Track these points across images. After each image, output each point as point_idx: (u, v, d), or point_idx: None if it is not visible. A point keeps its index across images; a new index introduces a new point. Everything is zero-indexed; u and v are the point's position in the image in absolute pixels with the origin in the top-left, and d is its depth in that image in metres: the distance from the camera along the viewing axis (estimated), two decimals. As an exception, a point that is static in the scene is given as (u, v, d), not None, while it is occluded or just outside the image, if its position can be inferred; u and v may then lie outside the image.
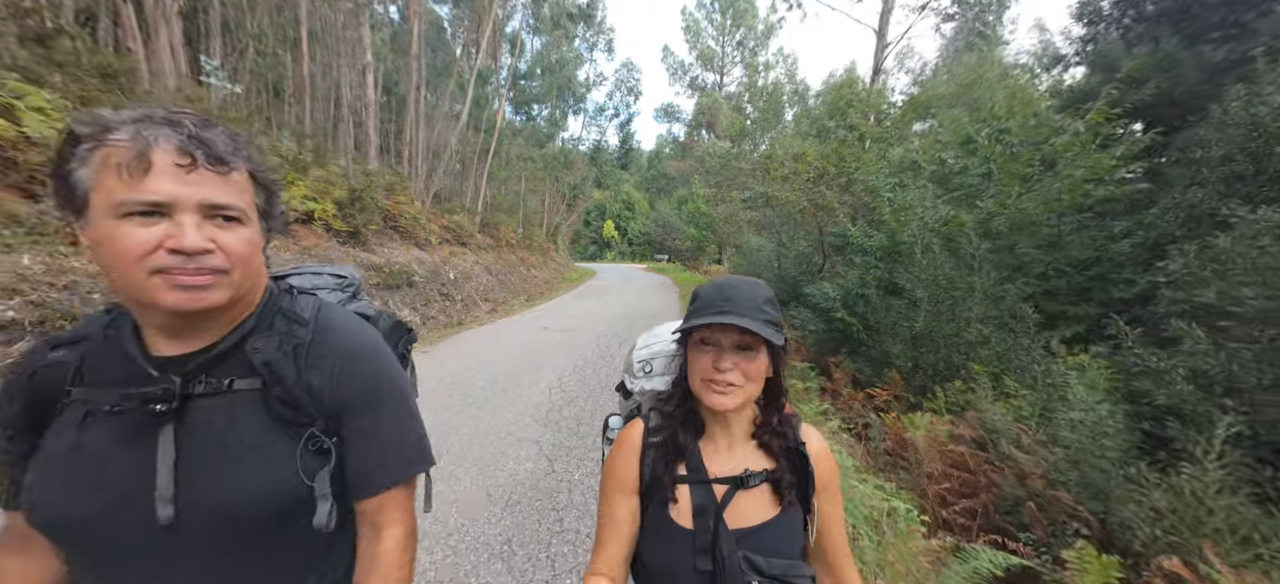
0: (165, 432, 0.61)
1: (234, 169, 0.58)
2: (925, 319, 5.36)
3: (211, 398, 0.64)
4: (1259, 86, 4.33)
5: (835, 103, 12.42)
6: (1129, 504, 2.34)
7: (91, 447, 0.61)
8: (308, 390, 0.68)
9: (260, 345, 0.67)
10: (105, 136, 0.52)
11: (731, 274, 1.08)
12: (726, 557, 0.76)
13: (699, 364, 0.82)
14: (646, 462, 0.85)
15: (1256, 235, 2.61)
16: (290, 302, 0.74)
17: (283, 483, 0.65)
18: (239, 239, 0.59)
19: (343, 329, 0.74)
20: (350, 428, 0.71)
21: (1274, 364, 2.42)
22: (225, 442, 0.63)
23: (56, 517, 0.60)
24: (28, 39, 5.01)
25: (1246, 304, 2.55)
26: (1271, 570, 1.94)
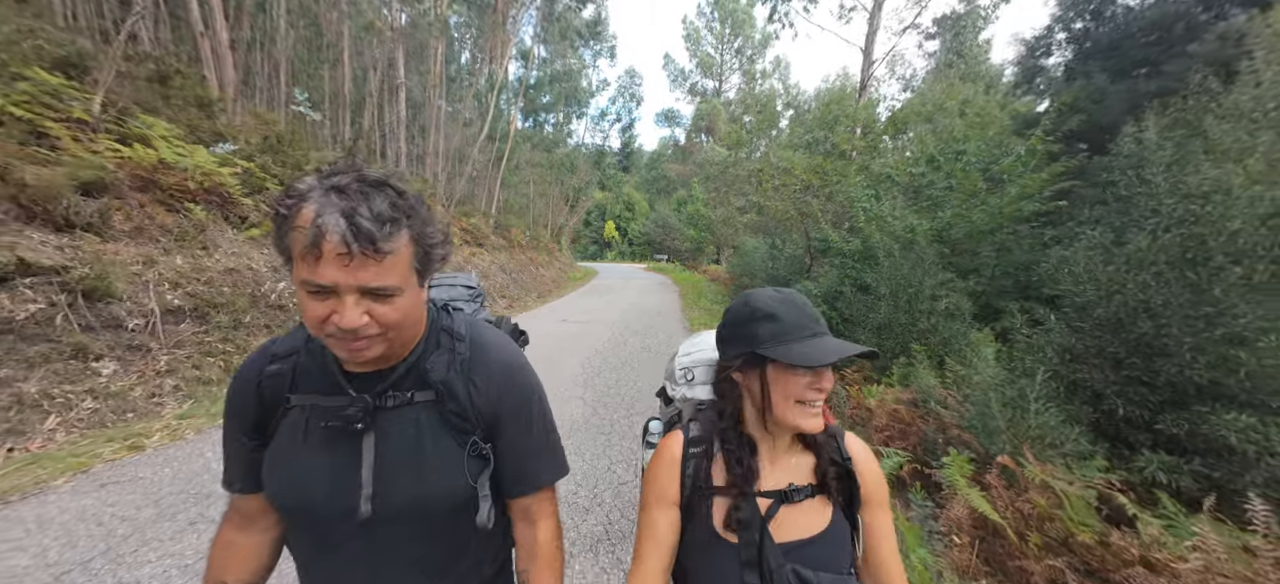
0: (368, 439, 0.72)
1: (391, 249, 0.60)
2: (886, 312, 6.49)
3: (400, 409, 0.74)
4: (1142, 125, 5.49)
5: (824, 116, 13.59)
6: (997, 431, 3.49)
7: (313, 447, 0.72)
8: (472, 403, 0.76)
9: (435, 365, 0.76)
10: (296, 215, 0.58)
11: (778, 288, 0.83)
12: (774, 570, 0.76)
13: (793, 386, 0.79)
14: (687, 473, 0.84)
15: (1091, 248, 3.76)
16: (448, 320, 0.82)
17: (455, 484, 0.75)
18: (392, 309, 0.64)
19: (493, 346, 0.82)
20: (506, 436, 0.79)
21: (1092, 338, 3.58)
22: (412, 448, 0.73)
23: (288, 502, 0.74)
24: (154, 79, 6.12)
25: (1081, 297, 3.71)
26: (1057, 459, 3.09)
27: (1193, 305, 3.06)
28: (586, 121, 31.07)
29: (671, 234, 37.36)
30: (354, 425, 0.71)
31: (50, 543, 2.22)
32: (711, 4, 35.54)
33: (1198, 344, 3.00)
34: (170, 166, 5.54)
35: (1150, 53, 7.37)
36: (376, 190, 0.61)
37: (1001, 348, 4.66)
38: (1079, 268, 3.71)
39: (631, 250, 48.45)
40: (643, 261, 42.58)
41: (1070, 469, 3.16)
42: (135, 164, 5.16)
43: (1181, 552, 2.36)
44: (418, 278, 0.68)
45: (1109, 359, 3.45)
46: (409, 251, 0.64)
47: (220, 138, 6.74)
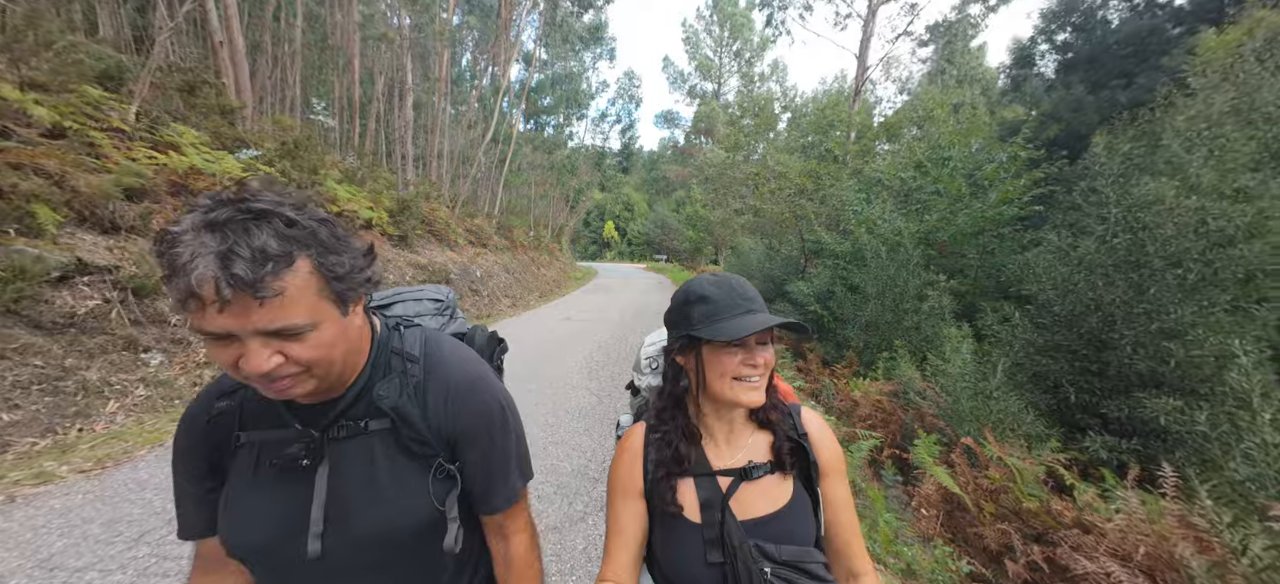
0: (320, 473, 0.70)
1: (277, 289, 0.54)
2: (873, 310, 6.88)
3: (352, 439, 0.72)
4: (1115, 135, 5.88)
5: (819, 122, 13.98)
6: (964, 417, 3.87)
7: (263, 486, 0.70)
8: (428, 427, 0.74)
9: (385, 392, 0.73)
10: (169, 262, 0.52)
11: (719, 272, 0.93)
12: (737, 547, 0.77)
13: (727, 363, 0.81)
14: (649, 461, 0.86)
15: (1051, 252, 4.15)
16: (399, 340, 0.78)
17: (418, 509, 0.72)
18: (306, 347, 0.59)
19: (451, 362, 0.79)
20: (469, 454, 0.77)
21: (1052, 332, 3.96)
22: (367, 478, 0.71)
23: (239, 545, 0.70)
24: (182, 90, 6.48)
25: (1042, 296, 4.09)
26: (1016, 440, 3.47)
27: (1134, 303, 3.44)
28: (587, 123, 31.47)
29: (670, 234, 37.78)
30: (298, 462, 0.69)
31: (152, 497, 2.62)
32: (710, 8, 36.07)
33: (1137, 338, 3.39)
34: (200, 172, 5.90)
35: (1126, 65, 7.77)
36: (260, 222, 0.55)
37: (978, 344, 5.04)
38: (1040, 269, 4.10)
39: (630, 250, 48.86)
40: (642, 262, 42.99)
41: (1028, 449, 3.55)
42: (170, 170, 5.52)
43: (1109, 514, 2.74)
44: (337, 306, 0.62)
45: (1065, 351, 3.83)
46: (313, 282, 0.59)
47: (242, 143, 7.10)
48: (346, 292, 0.63)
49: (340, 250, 0.62)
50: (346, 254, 0.63)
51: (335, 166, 9.72)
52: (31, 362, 3.50)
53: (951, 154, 8.44)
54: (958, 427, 3.98)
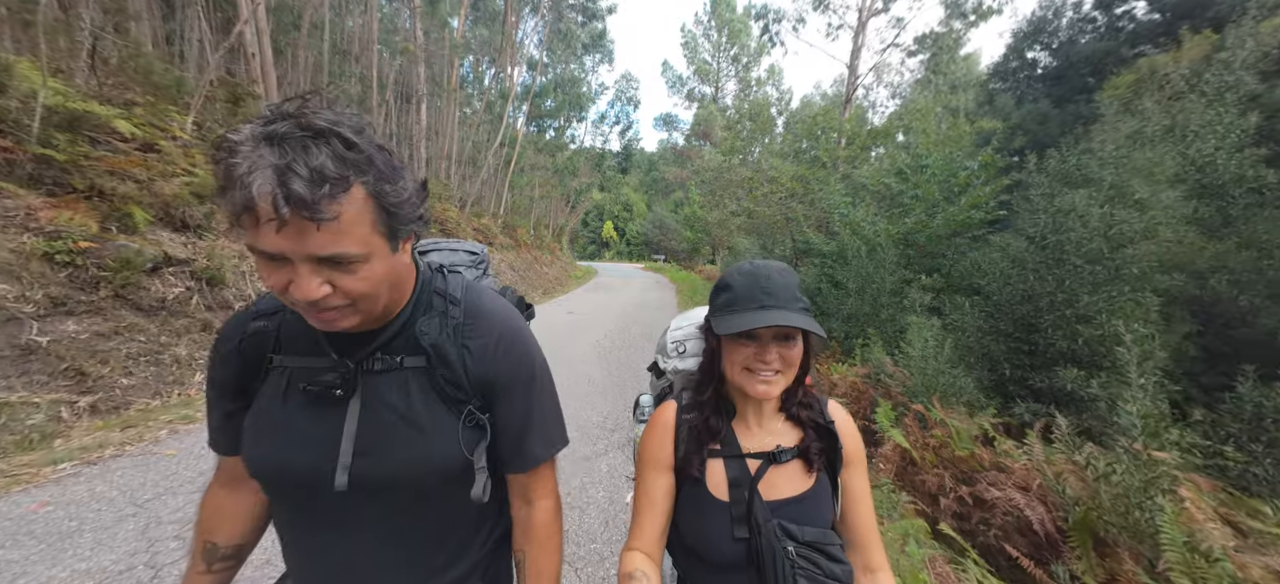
0: (352, 405, 0.68)
1: (334, 213, 0.51)
2: (853, 304, 7.60)
3: (388, 373, 0.70)
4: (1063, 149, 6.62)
5: (810, 130, 14.71)
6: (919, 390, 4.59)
7: (293, 412, 0.69)
8: (465, 369, 0.72)
9: (426, 327, 0.71)
10: (226, 172, 0.49)
11: (756, 259, 0.94)
12: (762, 525, 0.80)
13: (739, 354, 0.83)
14: (681, 438, 0.88)
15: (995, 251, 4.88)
16: (442, 282, 0.78)
17: (447, 455, 0.70)
18: (357, 279, 0.57)
19: (492, 311, 0.77)
20: (503, 406, 0.75)
21: (994, 318, 4.69)
22: (400, 415, 0.69)
23: (263, 469, 0.70)
24: (228, 101, 7.15)
25: (988, 288, 4.83)
26: (960, 406, 4.20)
27: (1055, 293, 4.17)
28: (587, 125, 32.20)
29: (669, 235, 38.47)
30: (333, 391, 0.68)
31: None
32: (708, 13, 36.91)
33: (1056, 322, 4.11)
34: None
35: (1086, 82, 8.52)
36: (319, 140, 0.51)
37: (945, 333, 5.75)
38: (985, 265, 4.83)
39: (629, 250, 49.60)
40: (640, 261, 43.70)
41: (970, 414, 4.28)
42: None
43: (1017, 458, 3.47)
44: (388, 241, 0.60)
45: (1003, 334, 4.56)
46: (367, 212, 0.56)
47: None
48: (398, 226, 0.61)
49: (395, 179, 0.59)
50: (402, 184, 0.60)
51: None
52: (137, 338, 4.18)
53: (929, 162, 9.17)
54: (915, 399, 4.70)
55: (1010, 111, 9.14)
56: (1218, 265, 5.62)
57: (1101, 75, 8.56)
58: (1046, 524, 2.99)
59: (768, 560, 0.78)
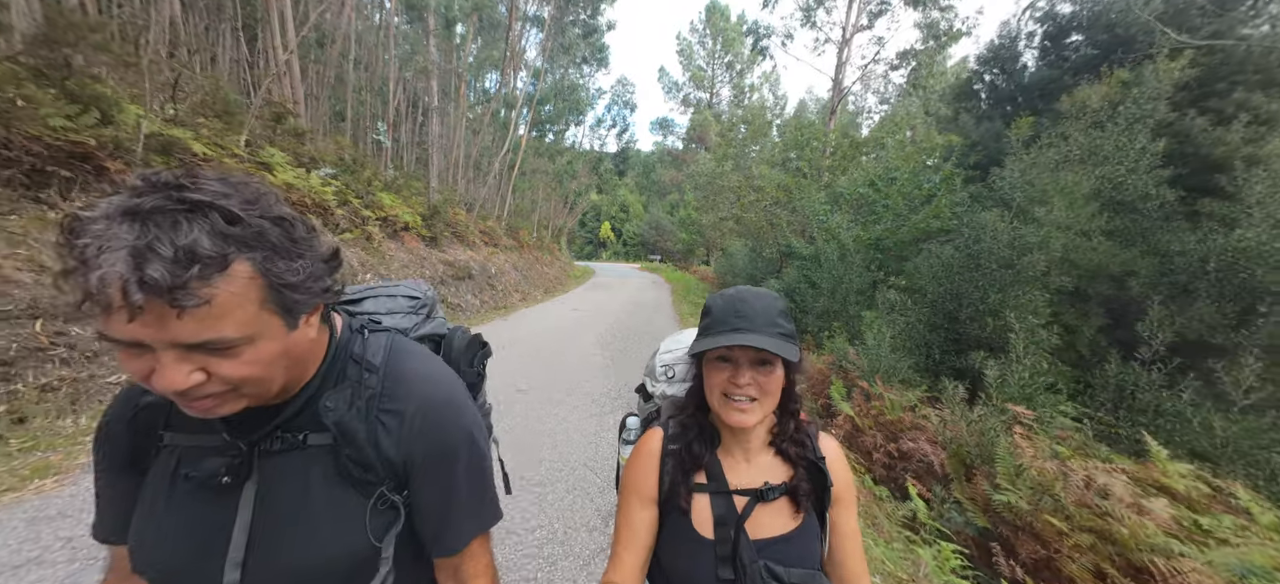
0: (247, 491, 0.61)
1: (201, 298, 0.45)
2: (825, 302, 8.59)
3: (288, 454, 0.63)
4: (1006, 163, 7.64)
5: (794, 140, 15.73)
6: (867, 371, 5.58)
7: (181, 500, 0.61)
8: (376, 448, 0.65)
9: (332, 404, 0.63)
10: (72, 252, 0.43)
11: (740, 286, 0.90)
12: (748, 565, 0.78)
13: (716, 379, 0.82)
14: (666, 470, 0.86)
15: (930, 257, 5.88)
16: (361, 344, 0.69)
17: (351, 544, 0.63)
18: (241, 363, 0.50)
19: (414, 377, 0.69)
20: (425, 487, 0.68)
21: (929, 311, 5.69)
22: (300, 502, 0.62)
23: (146, 564, 0.61)
24: (271, 120, 8.06)
25: (924, 286, 5.83)
26: (897, 383, 5.19)
27: (972, 292, 5.16)
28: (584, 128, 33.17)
29: (665, 236, 39.46)
30: (218, 478, 0.59)
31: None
32: (704, 22, 38.01)
33: (972, 315, 5.11)
34: (293, 186, 7.50)
35: (1035, 105, 9.55)
36: (194, 215, 0.45)
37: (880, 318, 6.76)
38: (924, 268, 5.83)
39: (626, 251, 50.59)
40: (637, 261, 44.71)
41: (907, 390, 5.27)
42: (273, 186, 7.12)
43: (932, 420, 4.46)
44: (283, 318, 0.53)
45: (934, 326, 5.56)
46: (254, 291, 0.49)
47: (313, 161, 8.69)
48: (297, 303, 0.54)
49: (294, 254, 0.52)
50: (303, 259, 0.53)
51: (377, 176, 11.31)
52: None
53: (897, 175, 10.19)
54: (865, 379, 5.71)
55: (970, 129, 10.17)
56: (1130, 270, 6.67)
57: (1048, 99, 9.63)
58: (943, 464, 3.99)
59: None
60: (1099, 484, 2.87)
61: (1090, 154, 6.99)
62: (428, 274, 10.50)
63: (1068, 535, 2.67)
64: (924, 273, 5.81)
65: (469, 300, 11.88)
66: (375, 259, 8.62)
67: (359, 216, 8.75)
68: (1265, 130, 7.15)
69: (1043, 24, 9.09)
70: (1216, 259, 6.10)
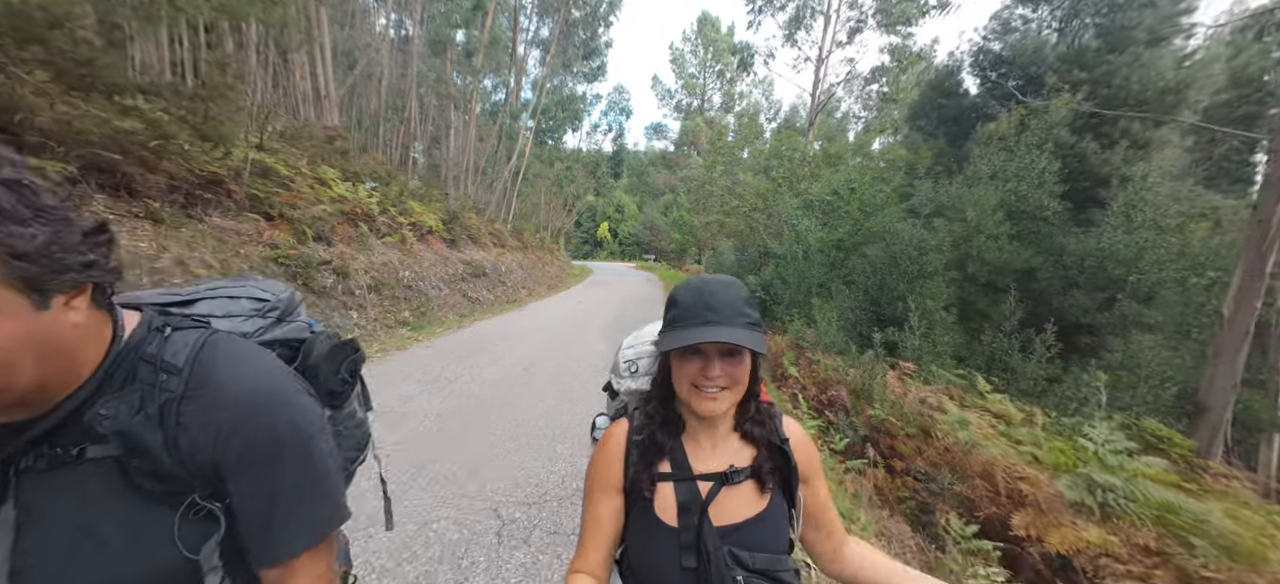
0: (3, 517, 0.51)
1: None
2: (791, 294, 10.21)
3: (56, 472, 0.53)
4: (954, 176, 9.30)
5: (776, 148, 17.37)
6: (814, 344, 7.20)
7: None
8: (176, 455, 0.55)
9: (109, 411, 0.54)
10: None
11: (704, 274, 0.93)
12: (711, 553, 0.78)
13: (685, 370, 0.82)
14: (630, 460, 0.86)
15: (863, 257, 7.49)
16: (160, 344, 0.59)
17: (159, 561, 0.55)
18: None
19: (226, 375, 0.60)
20: (241, 491, 0.59)
21: (862, 296, 7.30)
22: (80, 523, 0.53)
23: None
24: (324, 141, 9.57)
25: (859, 278, 7.44)
26: (834, 353, 6.82)
27: (890, 283, 6.77)
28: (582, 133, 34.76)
29: (659, 236, 41.02)
30: None
31: (436, 360, 5.76)
32: (695, 33, 39.75)
33: (889, 301, 6.72)
34: (345, 198, 9.02)
35: (972, 126, 11.22)
36: None
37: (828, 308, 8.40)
38: (857, 265, 7.45)
39: (622, 250, 52.19)
40: (632, 261, 46.27)
41: (842, 357, 6.90)
42: (331, 198, 8.64)
43: (847, 373, 6.07)
44: (27, 295, 0.46)
45: (863, 309, 7.17)
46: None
47: (357, 176, 10.21)
48: (44, 277, 0.46)
49: (28, 219, 0.45)
50: (41, 225, 0.46)
51: (406, 188, 12.83)
52: (312, 312, 6.63)
53: (856, 185, 11.83)
54: (811, 351, 7.32)
55: (919, 146, 11.84)
56: (1031, 267, 8.34)
57: (982, 122, 11.32)
58: (846, 400, 5.60)
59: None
60: (930, 402, 4.48)
61: (996, 173, 8.66)
62: (449, 272, 12.00)
63: (904, 429, 4.28)
64: (860, 269, 7.42)
65: (484, 295, 13.40)
66: (409, 258, 10.13)
67: (396, 222, 10.25)
68: (1139, 153, 8.87)
69: (976, 58, 10.75)
70: (1089, 258, 7.81)
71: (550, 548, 2.23)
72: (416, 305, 9.22)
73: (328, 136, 9.66)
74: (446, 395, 4.54)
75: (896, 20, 14.53)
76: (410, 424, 3.71)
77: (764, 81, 40.15)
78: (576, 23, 19.66)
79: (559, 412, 4.42)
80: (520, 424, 3.96)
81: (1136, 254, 7.15)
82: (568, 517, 2.53)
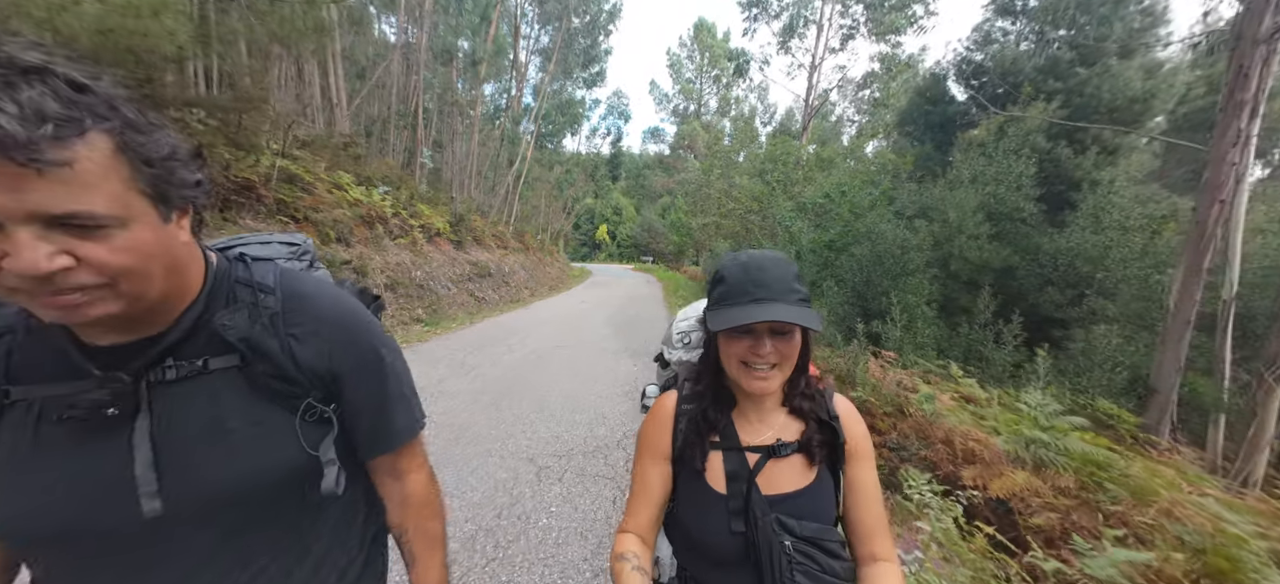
0: (139, 426, 0.55)
1: (64, 157, 0.41)
2: (785, 291, 10.72)
3: (187, 381, 0.58)
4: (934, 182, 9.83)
5: (771, 152, 17.94)
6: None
7: (52, 450, 0.53)
8: (295, 363, 0.62)
9: (231, 321, 0.60)
10: None
11: (751, 250, 0.89)
12: (759, 518, 0.80)
13: (734, 348, 0.82)
14: (679, 429, 0.88)
15: (851, 257, 8.03)
16: (245, 270, 0.66)
17: (283, 456, 0.61)
18: (111, 248, 0.45)
19: (319, 295, 0.68)
20: (354, 395, 0.68)
21: (850, 292, 7.83)
22: (212, 424, 0.58)
23: (24, 529, 0.54)
24: (339, 148, 10.04)
25: (847, 276, 7.97)
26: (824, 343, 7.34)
27: (875, 279, 7.29)
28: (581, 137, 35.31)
29: (656, 237, 41.57)
30: (102, 410, 0.53)
31: (458, 350, 6.24)
32: (692, 39, 40.42)
33: (874, 295, 7.24)
34: (361, 201, 9.49)
35: (957, 132, 11.79)
36: (31, 78, 0.41)
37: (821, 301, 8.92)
38: (845, 264, 7.98)
39: (620, 252, 52.72)
40: (630, 262, 46.82)
41: (830, 348, 7.41)
42: (348, 201, 9.12)
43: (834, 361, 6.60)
44: (155, 205, 0.49)
45: (851, 304, 7.70)
46: (119, 167, 0.45)
47: (369, 181, 10.68)
48: (167, 187, 0.50)
49: (151, 131, 0.49)
50: (161, 137, 0.50)
51: (415, 192, 13.31)
52: (340, 306, 7.09)
53: (846, 189, 12.37)
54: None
55: (906, 150, 12.41)
56: (1010, 265, 8.89)
57: (966, 128, 11.91)
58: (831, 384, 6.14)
59: (764, 554, 0.78)
60: (905, 385, 5.00)
61: (977, 177, 9.22)
62: (457, 273, 12.47)
63: (882, 408, 4.79)
64: (848, 267, 7.95)
65: (490, 295, 13.88)
66: (420, 259, 10.61)
67: (407, 224, 10.72)
68: (1109, 158, 9.46)
69: (960, 67, 11.33)
70: (1061, 256, 8.38)
71: (579, 484, 2.74)
72: (428, 303, 9.70)
73: (342, 143, 10.14)
74: (473, 378, 5.02)
75: (886, 29, 15.11)
76: (446, 400, 4.19)
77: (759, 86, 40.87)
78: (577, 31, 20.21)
79: (574, 390, 4.91)
80: (542, 399, 4.46)
81: (1103, 253, 7.71)
82: (592, 465, 3.02)
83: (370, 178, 10.80)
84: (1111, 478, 2.91)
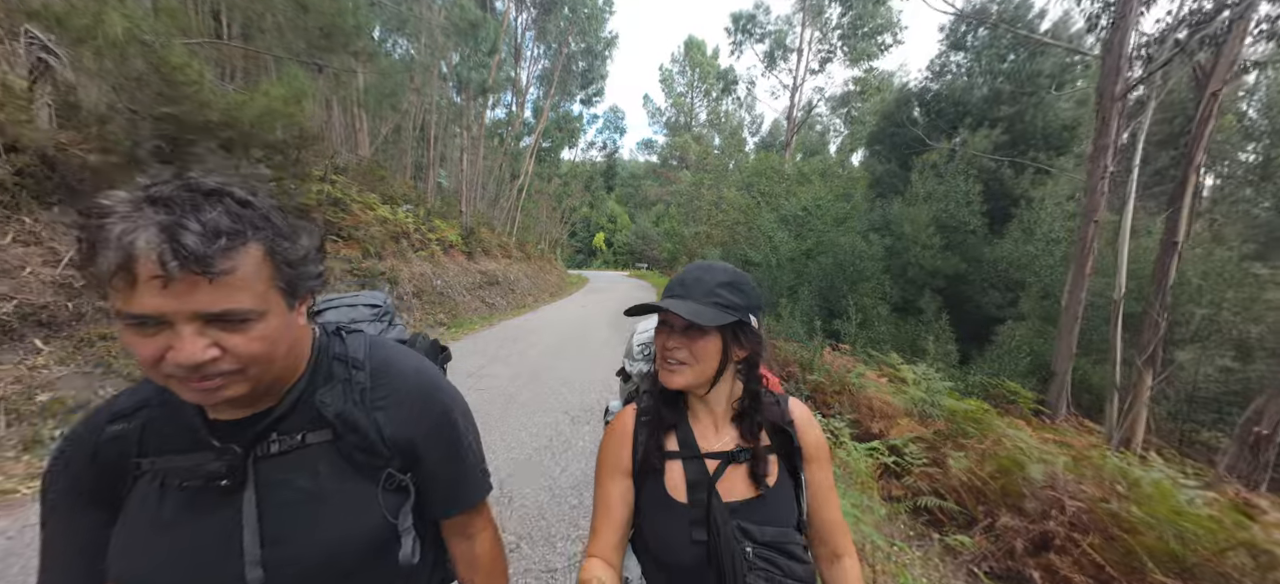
0: (247, 496, 0.63)
1: (228, 267, 0.51)
2: (766, 296, 12.02)
3: (289, 455, 0.66)
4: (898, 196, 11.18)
5: (757, 167, 19.30)
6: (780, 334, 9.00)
7: (174, 517, 0.61)
8: (380, 435, 0.69)
9: (328, 399, 0.68)
10: (99, 235, 0.48)
11: (713, 260, 0.96)
12: (720, 526, 0.80)
13: (657, 342, 0.89)
14: (639, 442, 0.89)
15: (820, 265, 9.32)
16: (341, 346, 0.75)
17: (369, 524, 0.68)
18: (250, 338, 0.54)
19: (401, 369, 0.76)
20: (429, 462, 0.74)
21: (817, 297, 9.11)
22: (308, 496, 0.65)
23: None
24: (366, 171, 11.24)
25: (818, 280, 9.27)
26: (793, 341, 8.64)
27: (837, 284, 8.57)
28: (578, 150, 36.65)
29: (651, 245, 42.88)
30: (217, 481, 0.61)
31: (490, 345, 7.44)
32: (683, 55, 42.26)
33: (836, 298, 8.52)
34: (387, 219, 10.69)
35: (917, 152, 13.18)
36: (211, 199, 0.52)
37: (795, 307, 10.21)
38: (814, 270, 9.28)
39: (615, 259, 54.03)
40: (625, 269, 48.13)
41: (801, 344, 8.70)
42: (377, 220, 10.33)
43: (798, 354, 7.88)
44: (285, 299, 0.59)
45: (819, 305, 8.98)
46: (265, 270, 0.55)
47: (393, 200, 11.89)
48: (297, 282, 0.60)
49: (294, 237, 0.60)
50: (300, 241, 0.61)
51: (432, 209, 14.52)
52: (381, 312, 8.27)
53: (821, 203, 13.72)
54: (776, 339, 9.13)
55: (876, 168, 13.80)
56: (959, 272, 10.25)
57: (926, 149, 13.29)
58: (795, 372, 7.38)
59: (726, 562, 0.79)
60: (852, 369, 6.28)
61: (930, 195, 10.58)
62: (470, 281, 13.66)
63: (831, 387, 6.06)
64: (815, 274, 9.25)
65: (498, 301, 15.07)
66: (439, 269, 11.79)
67: (426, 238, 11.91)
68: (1043, 178, 10.87)
69: (920, 95, 12.73)
70: (1000, 264, 9.76)
71: (599, 427, 3.96)
72: (448, 309, 10.89)
73: (369, 167, 11.33)
74: (506, 365, 6.27)
75: (859, 56, 16.55)
76: (489, 381, 5.45)
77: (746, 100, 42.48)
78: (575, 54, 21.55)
79: (588, 371, 6.25)
80: (565, 379, 5.74)
81: (1031, 260, 9.09)
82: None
83: (393, 197, 11.99)
84: (971, 422, 4.20)
